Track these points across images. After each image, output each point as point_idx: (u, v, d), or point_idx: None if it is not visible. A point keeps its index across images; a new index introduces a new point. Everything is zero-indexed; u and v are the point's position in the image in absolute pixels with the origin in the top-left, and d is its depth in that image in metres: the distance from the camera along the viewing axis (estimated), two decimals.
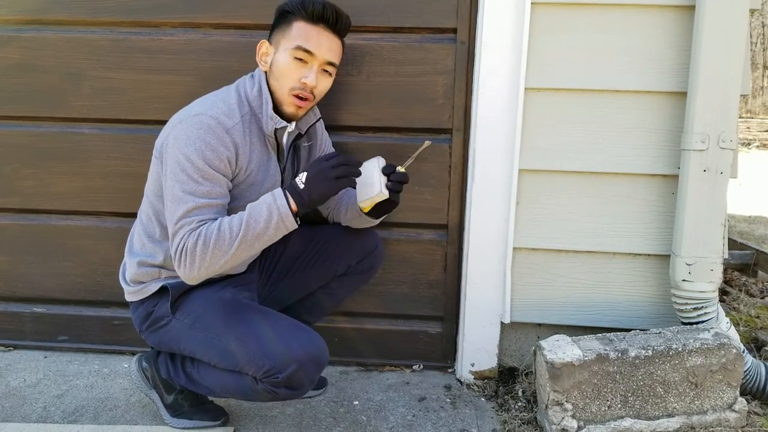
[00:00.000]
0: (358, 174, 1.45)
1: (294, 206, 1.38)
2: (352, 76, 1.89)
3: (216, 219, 1.39)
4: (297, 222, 1.39)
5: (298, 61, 1.46)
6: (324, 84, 1.52)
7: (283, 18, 1.49)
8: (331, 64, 1.51)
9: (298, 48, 1.45)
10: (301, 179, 1.39)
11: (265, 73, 1.52)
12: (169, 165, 1.40)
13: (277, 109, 1.50)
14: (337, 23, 1.49)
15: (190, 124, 1.40)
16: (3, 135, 1.99)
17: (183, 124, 1.41)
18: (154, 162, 1.51)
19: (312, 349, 1.41)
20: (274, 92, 1.49)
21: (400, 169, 1.53)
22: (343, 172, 1.40)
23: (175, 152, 1.39)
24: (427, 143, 1.56)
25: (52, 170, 1.99)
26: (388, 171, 1.51)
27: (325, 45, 1.48)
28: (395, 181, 1.51)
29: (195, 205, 1.38)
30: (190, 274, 1.39)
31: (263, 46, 1.51)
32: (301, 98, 1.48)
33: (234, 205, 1.50)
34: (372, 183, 1.50)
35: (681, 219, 1.77)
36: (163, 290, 1.54)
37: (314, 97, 1.51)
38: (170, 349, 1.60)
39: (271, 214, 1.36)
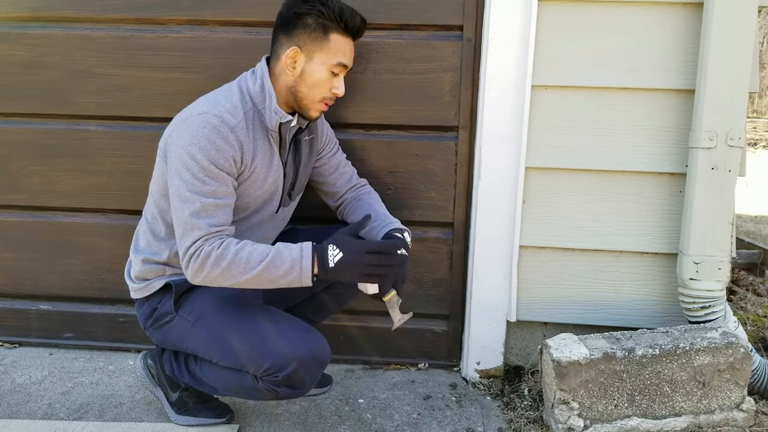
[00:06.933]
0: (391, 279, 1.44)
1: (316, 271, 1.38)
2: (358, 73, 1.88)
3: (238, 239, 1.40)
4: (312, 282, 1.39)
5: (332, 74, 1.49)
6: None
7: (316, 25, 1.44)
8: (350, 69, 1.56)
9: (340, 65, 1.48)
10: (333, 256, 1.38)
11: (270, 71, 1.50)
12: (174, 164, 1.40)
13: (280, 104, 1.51)
14: (362, 34, 1.54)
15: (194, 123, 1.39)
16: (9, 132, 1.99)
17: (187, 123, 1.40)
18: (159, 161, 1.50)
19: (313, 347, 1.40)
20: (302, 99, 1.50)
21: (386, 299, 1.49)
22: (375, 271, 1.41)
23: (179, 151, 1.39)
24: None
25: (59, 167, 1.99)
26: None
27: (354, 56, 1.53)
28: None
29: (201, 205, 1.38)
30: (193, 278, 1.39)
31: (293, 52, 1.46)
32: (327, 105, 1.53)
33: (237, 202, 1.50)
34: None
35: (689, 217, 1.76)
36: (167, 287, 1.54)
37: None
38: (174, 346, 1.60)
39: (293, 269, 1.37)
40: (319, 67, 1.47)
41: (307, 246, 1.39)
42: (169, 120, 1.51)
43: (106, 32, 1.91)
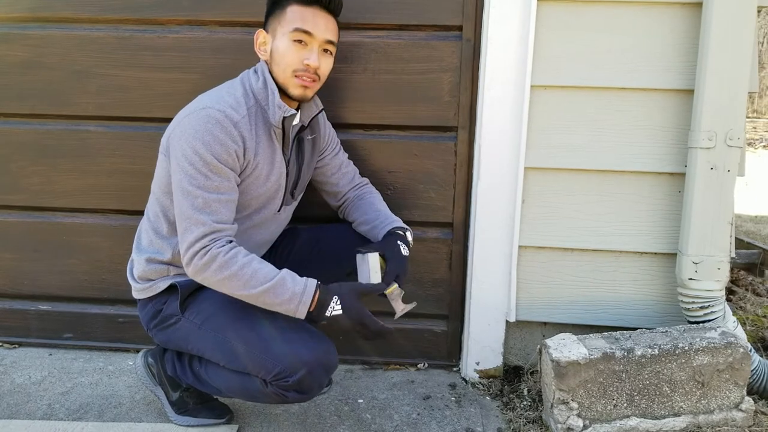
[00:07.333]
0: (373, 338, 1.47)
1: (312, 309, 1.39)
2: (357, 73, 1.88)
3: (246, 252, 1.40)
4: (304, 318, 1.41)
5: (298, 44, 1.46)
6: (326, 64, 1.53)
7: (276, 5, 1.49)
8: (330, 42, 1.51)
9: (297, 30, 1.45)
10: (332, 309, 1.40)
11: (266, 62, 1.52)
12: (176, 158, 1.40)
13: (283, 98, 1.51)
14: (330, 2, 1.50)
15: (197, 117, 1.40)
16: (9, 132, 1.99)
17: (190, 118, 1.41)
18: (161, 158, 1.50)
19: (321, 353, 1.41)
20: (277, 78, 1.49)
21: (387, 291, 1.53)
22: (360, 336, 1.45)
23: (183, 145, 1.39)
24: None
25: (58, 168, 1.99)
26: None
27: (322, 24, 1.48)
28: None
29: (204, 200, 1.38)
30: (194, 276, 1.40)
31: (260, 36, 1.52)
32: (305, 79, 1.48)
33: (239, 199, 1.49)
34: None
35: (688, 217, 1.76)
36: (171, 288, 1.54)
37: (319, 78, 1.52)
38: (178, 347, 1.59)
39: (291, 301, 1.38)
40: (280, 40, 1.47)
41: (312, 285, 1.40)
42: (168, 120, 1.51)
43: (105, 33, 1.91)
